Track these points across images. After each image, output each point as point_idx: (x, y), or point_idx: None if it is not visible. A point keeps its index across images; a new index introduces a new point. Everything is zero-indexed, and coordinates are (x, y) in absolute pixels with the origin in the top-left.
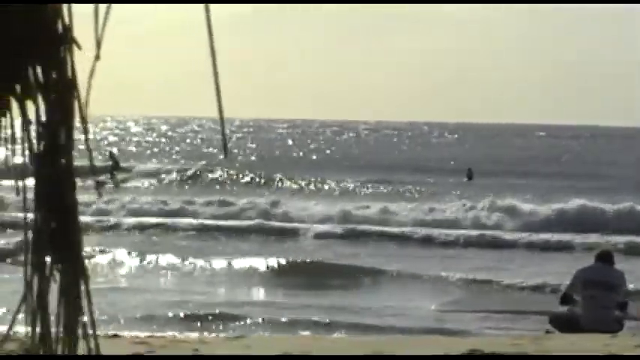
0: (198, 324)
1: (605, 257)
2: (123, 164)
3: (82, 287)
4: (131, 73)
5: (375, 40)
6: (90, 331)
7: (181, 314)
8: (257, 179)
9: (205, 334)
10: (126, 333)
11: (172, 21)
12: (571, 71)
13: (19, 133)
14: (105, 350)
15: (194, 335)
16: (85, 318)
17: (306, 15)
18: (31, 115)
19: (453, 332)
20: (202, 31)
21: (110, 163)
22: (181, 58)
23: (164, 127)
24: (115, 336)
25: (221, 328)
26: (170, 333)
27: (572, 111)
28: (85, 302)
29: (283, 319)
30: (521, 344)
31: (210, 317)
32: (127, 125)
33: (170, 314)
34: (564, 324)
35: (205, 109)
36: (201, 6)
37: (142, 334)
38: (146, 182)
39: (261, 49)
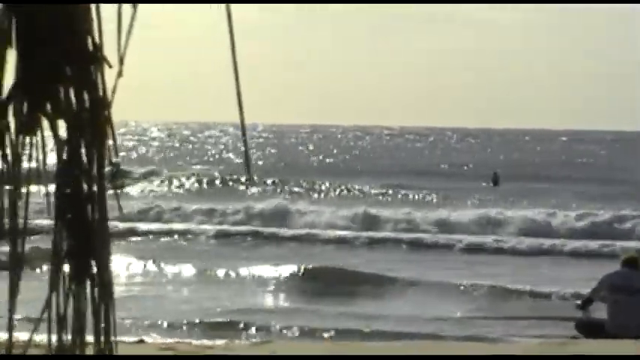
0: (220, 331)
1: (631, 262)
2: (127, 168)
3: (105, 298)
4: (151, 77)
5: (383, 41)
6: (111, 338)
7: (202, 321)
8: (276, 184)
9: (229, 340)
10: (152, 339)
11: (195, 27)
12: (593, 75)
13: (50, 151)
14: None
15: (220, 341)
16: (106, 326)
17: (313, 15)
18: (62, 133)
19: (479, 338)
20: (212, 36)
21: (111, 167)
22: (202, 62)
23: (185, 132)
24: (141, 341)
25: (243, 335)
26: (196, 340)
27: (594, 116)
28: (107, 311)
29: (307, 326)
30: (547, 350)
31: (229, 324)
32: (149, 130)
33: (195, 321)
34: (590, 329)
35: (225, 114)
36: (212, 12)
37: (169, 340)
38: (163, 187)
39: (269, 50)
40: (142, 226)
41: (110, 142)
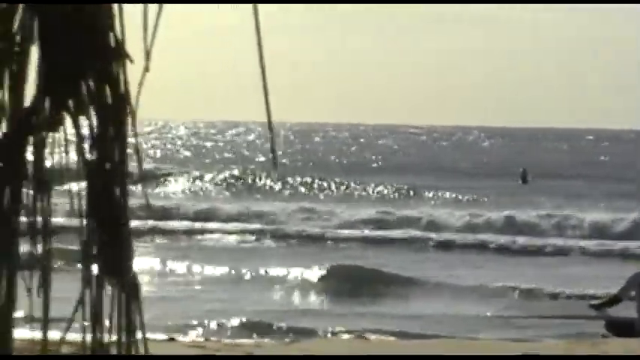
0: (248, 331)
1: None
2: (150, 167)
3: (134, 294)
4: (175, 76)
5: (392, 41)
6: (140, 336)
7: (229, 320)
8: (296, 183)
9: (259, 339)
10: (182, 338)
11: (218, 25)
12: (611, 73)
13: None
14: (159, 353)
15: (249, 340)
16: (136, 323)
17: (321, 15)
18: (85, 129)
19: (508, 337)
20: (236, 33)
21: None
22: (225, 60)
23: (210, 131)
24: (172, 339)
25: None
26: (227, 339)
27: (603, 116)
28: (135, 308)
29: (334, 325)
30: (577, 348)
31: (256, 324)
32: (176, 128)
33: (222, 320)
34: (620, 328)
35: (250, 113)
36: (230, 10)
37: (199, 339)
38: (186, 185)
39: (278, 50)
40: (165, 225)
41: (133, 137)
